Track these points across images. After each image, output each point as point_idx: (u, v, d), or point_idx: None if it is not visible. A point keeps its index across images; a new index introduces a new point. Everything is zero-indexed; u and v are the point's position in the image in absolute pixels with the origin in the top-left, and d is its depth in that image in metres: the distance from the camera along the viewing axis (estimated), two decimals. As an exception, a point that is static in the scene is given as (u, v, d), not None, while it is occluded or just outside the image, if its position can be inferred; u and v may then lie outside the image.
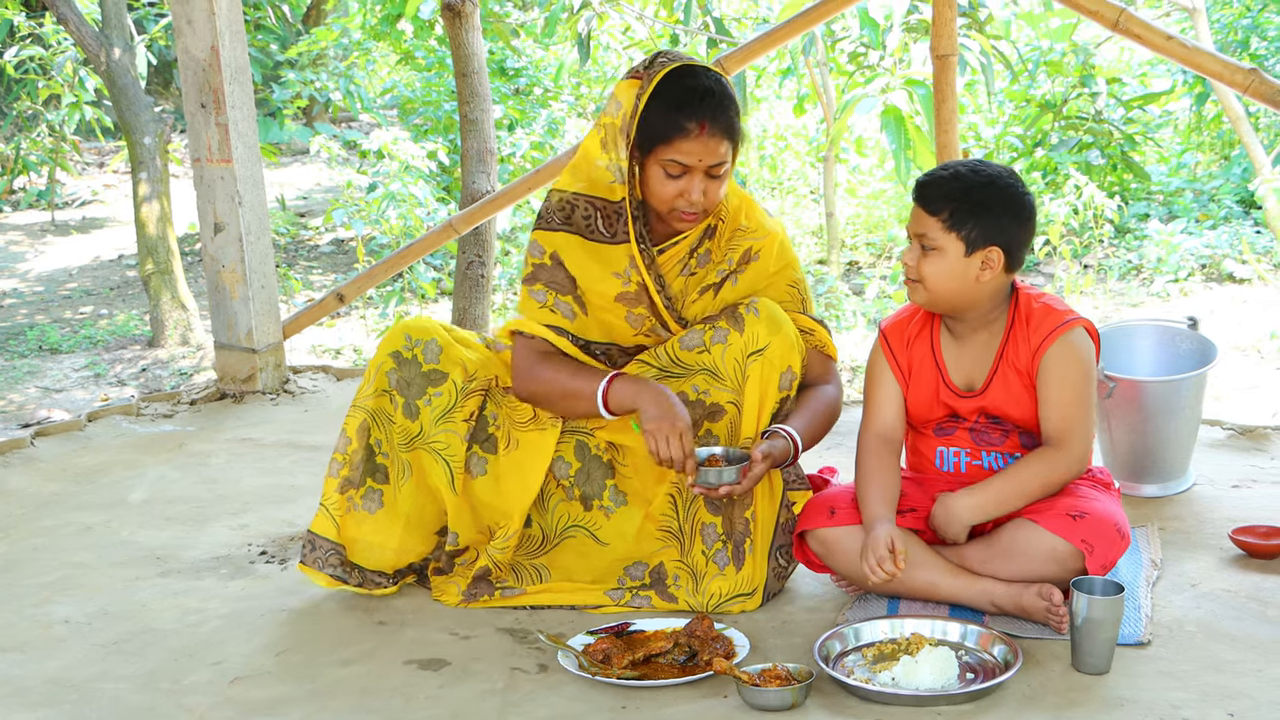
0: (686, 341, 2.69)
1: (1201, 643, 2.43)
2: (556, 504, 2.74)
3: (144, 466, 3.79)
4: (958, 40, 3.81)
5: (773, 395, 2.66)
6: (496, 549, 2.71)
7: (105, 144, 11.74)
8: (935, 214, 2.50)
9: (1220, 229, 7.43)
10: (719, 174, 2.62)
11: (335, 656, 2.55)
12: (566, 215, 2.71)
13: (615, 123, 2.65)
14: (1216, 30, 8.54)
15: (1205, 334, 3.25)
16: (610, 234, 2.69)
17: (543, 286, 2.71)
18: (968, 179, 2.51)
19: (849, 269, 7.82)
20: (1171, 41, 3.48)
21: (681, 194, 2.61)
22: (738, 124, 2.63)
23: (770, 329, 2.63)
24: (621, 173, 2.65)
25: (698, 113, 2.56)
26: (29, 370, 6.85)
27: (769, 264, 2.76)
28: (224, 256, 4.29)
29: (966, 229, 2.49)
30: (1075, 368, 2.53)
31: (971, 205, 2.49)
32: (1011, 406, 2.58)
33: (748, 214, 2.78)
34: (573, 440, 2.74)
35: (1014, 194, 2.52)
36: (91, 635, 2.70)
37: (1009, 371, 2.57)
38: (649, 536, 2.72)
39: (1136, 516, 3.01)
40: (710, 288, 2.75)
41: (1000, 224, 2.50)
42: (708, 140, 2.56)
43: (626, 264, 2.69)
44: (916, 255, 2.54)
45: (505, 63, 9.06)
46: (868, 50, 6.35)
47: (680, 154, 2.57)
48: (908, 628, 2.46)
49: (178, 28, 4.15)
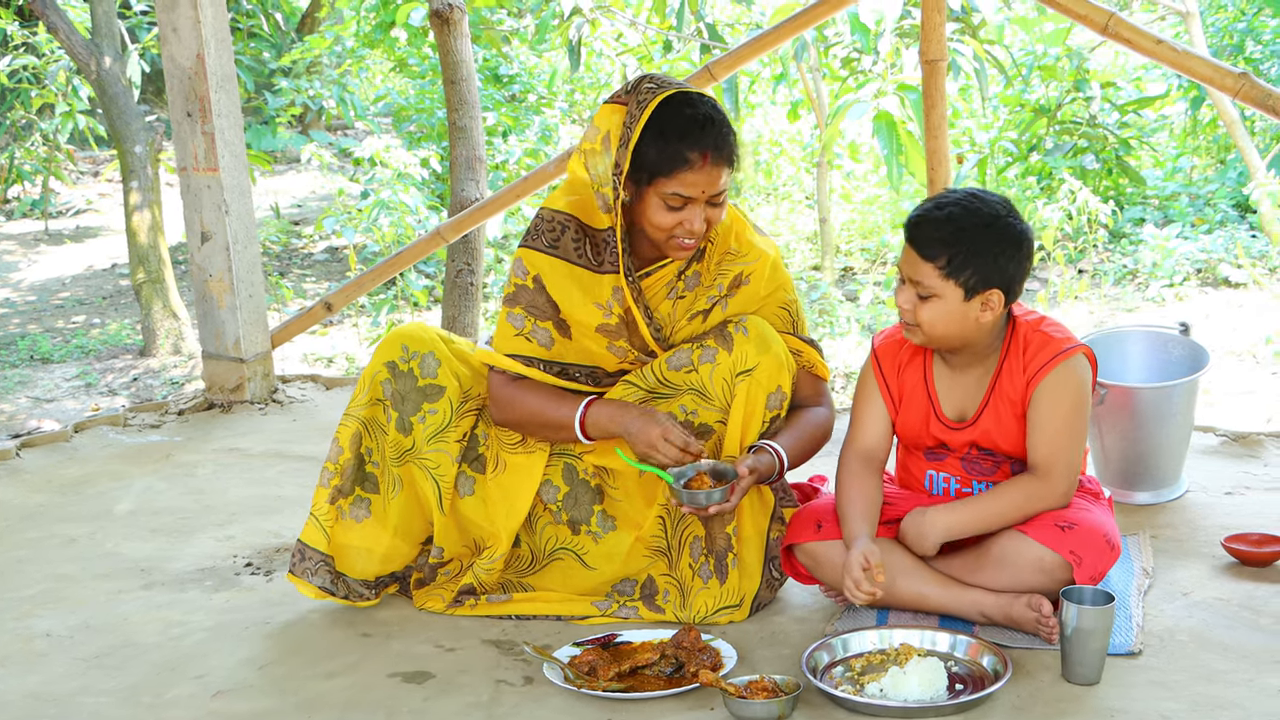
0: (674, 361, 2.64)
1: (1193, 652, 2.41)
2: (544, 526, 2.72)
3: (130, 477, 3.76)
4: (949, 45, 3.79)
5: (759, 415, 2.62)
6: (483, 569, 2.69)
7: (100, 153, 11.72)
8: (931, 260, 2.40)
9: (1215, 233, 7.42)
10: (720, 201, 2.55)
11: (319, 669, 2.53)
12: (555, 238, 2.64)
13: (597, 148, 2.58)
14: (1211, 35, 8.54)
15: (1197, 339, 3.22)
16: (597, 262, 2.63)
17: (522, 311, 2.65)
18: (961, 220, 2.38)
19: (843, 275, 7.80)
20: (1161, 45, 3.47)
21: (681, 223, 2.53)
22: (737, 149, 2.57)
23: (759, 348, 2.59)
24: (607, 201, 2.58)
25: (700, 143, 2.47)
26: (20, 380, 6.83)
27: (760, 288, 2.70)
28: (211, 266, 4.27)
29: (965, 275, 2.39)
30: (1068, 399, 2.47)
31: (969, 250, 2.38)
32: (1002, 439, 2.53)
33: (738, 236, 2.70)
34: (560, 463, 2.71)
35: (1012, 233, 2.41)
36: (73, 649, 2.67)
37: (1000, 403, 2.52)
38: (638, 556, 2.70)
39: (1128, 524, 2.99)
40: (699, 314, 2.69)
41: (999, 265, 2.40)
42: (711, 170, 2.49)
43: (609, 295, 2.63)
44: (913, 300, 2.44)
45: (498, 69, 9.04)
46: (860, 55, 6.33)
47: (683, 186, 2.49)
48: (896, 638, 2.43)
49: (163, 35, 4.13)
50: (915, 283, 2.43)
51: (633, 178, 2.54)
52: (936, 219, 2.40)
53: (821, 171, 7.44)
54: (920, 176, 5.75)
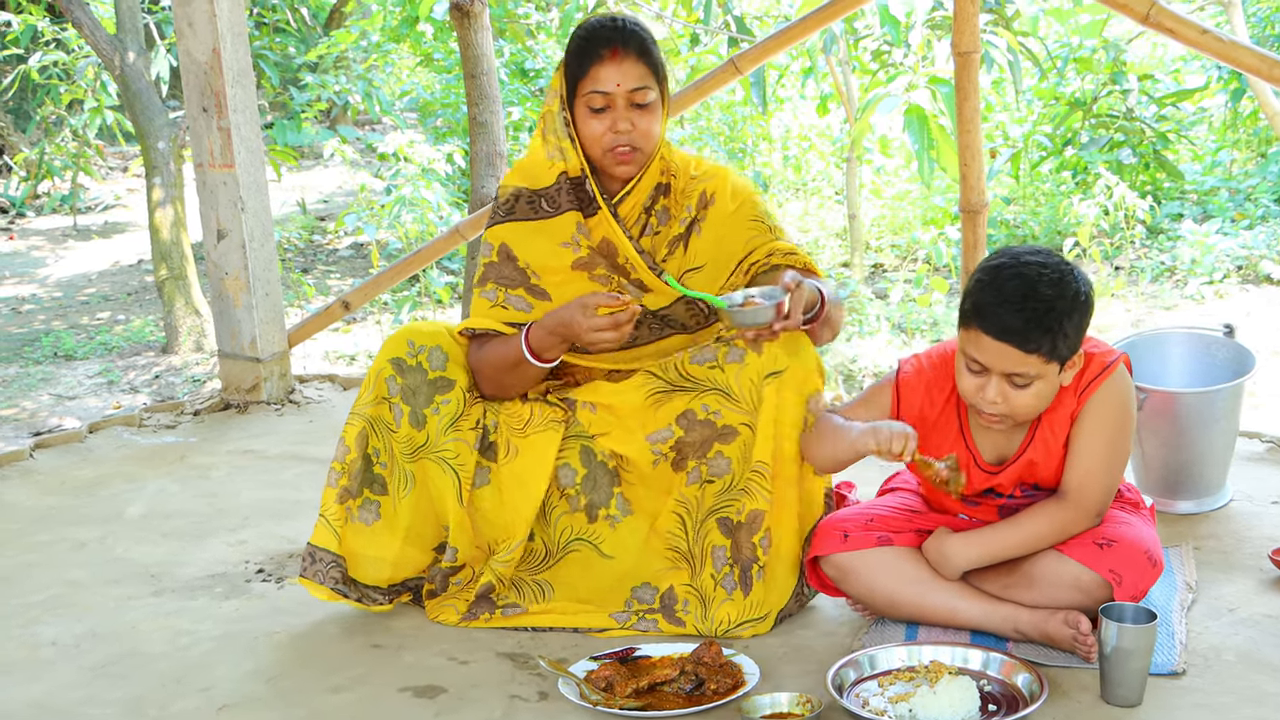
0: (698, 356, 2.61)
1: (1241, 673, 2.30)
2: (559, 517, 2.66)
3: (143, 479, 3.71)
4: (981, 37, 3.68)
5: (792, 416, 2.54)
6: (500, 562, 2.63)
7: (128, 148, 11.72)
8: (1035, 352, 2.24)
9: (1257, 229, 7.24)
10: (643, 102, 2.63)
11: (328, 682, 2.46)
12: (510, 208, 2.75)
13: (552, 108, 2.72)
14: (1253, 24, 8.36)
15: (1242, 341, 3.10)
16: (554, 208, 2.73)
17: (493, 285, 2.73)
18: (1049, 298, 2.22)
19: (873, 272, 7.68)
20: (1206, 35, 3.34)
21: (609, 129, 2.63)
22: (654, 52, 2.66)
23: (789, 351, 2.54)
24: (563, 152, 2.71)
25: (608, 39, 2.62)
26: (43, 377, 6.81)
27: (726, 203, 2.74)
28: (227, 264, 4.20)
29: (1064, 349, 2.26)
30: (1113, 417, 2.35)
31: (1064, 326, 2.23)
32: (1046, 469, 2.41)
33: (697, 164, 2.80)
34: (577, 445, 2.66)
35: (1088, 292, 2.27)
36: (79, 657, 2.62)
37: (1047, 431, 2.39)
38: (656, 553, 2.63)
39: (1170, 535, 2.87)
40: (677, 240, 2.75)
41: (1083, 324, 2.28)
42: (621, 63, 2.61)
43: (574, 230, 2.72)
44: (1004, 391, 2.28)
45: (524, 63, 8.97)
46: (891, 48, 6.21)
47: (597, 82, 2.62)
48: (926, 655, 2.33)
49: (179, 30, 4.07)
50: (1012, 375, 2.27)
51: (567, 100, 2.68)
52: (1034, 309, 2.22)
53: (851, 166, 7.31)
54: (952, 171, 5.63)
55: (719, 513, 2.58)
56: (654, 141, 2.69)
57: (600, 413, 2.66)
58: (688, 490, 2.60)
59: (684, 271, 2.73)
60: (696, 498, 2.59)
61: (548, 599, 2.65)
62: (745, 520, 2.55)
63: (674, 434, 2.59)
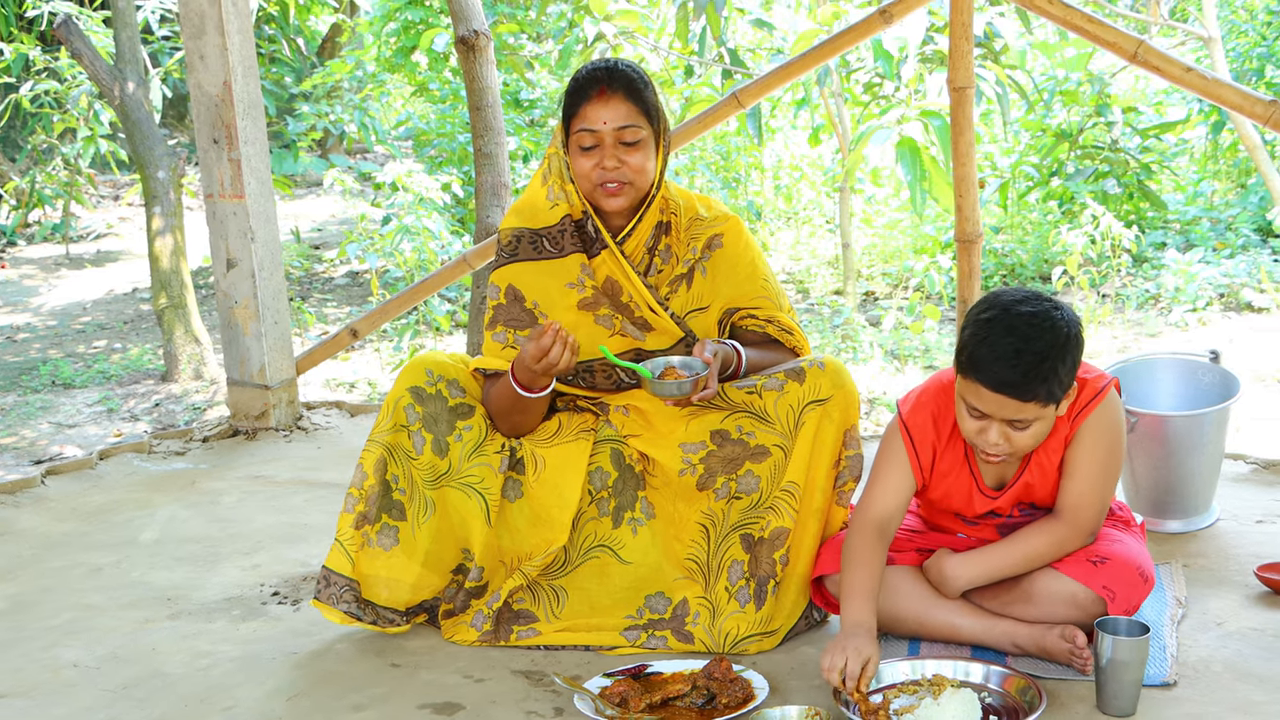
0: (740, 382, 2.70)
1: (1229, 683, 2.39)
2: (586, 523, 2.73)
3: (155, 505, 3.76)
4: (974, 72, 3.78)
5: (829, 446, 2.64)
6: (531, 565, 2.69)
7: (120, 177, 11.78)
8: (1032, 400, 2.30)
9: (1238, 258, 7.37)
10: (631, 140, 2.66)
11: (347, 701, 2.52)
12: (513, 250, 2.81)
13: (554, 151, 2.77)
14: (1232, 59, 8.51)
15: (1227, 367, 3.20)
16: (558, 249, 2.77)
17: (503, 328, 2.79)
18: (1042, 351, 2.27)
19: (865, 299, 7.78)
20: (1190, 73, 3.46)
21: (596, 164, 2.66)
22: (644, 93, 2.69)
23: (834, 383, 2.64)
24: (566, 194, 2.75)
25: (596, 81, 2.66)
26: (42, 405, 6.84)
27: (738, 249, 2.80)
28: (237, 293, 4.28)
29: (1061, 390, 2.33)
30: (1106, 439, 2.44)
31: (1058, 372, 2.30)
32: (1043, 490, 2.50)
33: (705, 205, 2.84)
34: (608, 449, 2.74)
35: (1077, 331, 2.34)
36: (100, 679, 2.67)
37: (1042, 455, 2.48)
38: (674, 562, 2.70)
39: (1160, 553, 2.96)
40: (680, 279, 2.80)
41: (1075, 363, 2.35)
42: (608, 101, 2.64)
43: (579, 272, 2.76)
44: (1005, 434, 2.36)
45: (520, 94, 9.07)
46: (883, 81, 6.33)
47: (586, 120, 2.65)
48: (929, 669, 2.42)
49: (190, 63, 4.15)
50: (1012, 421, 2.34)
51: (565, 143, 2.72)
52: (1028, 361, 2.27)
53: (843, 197, 7.42)
54: (944, 202, 5.75)
55: (743, 528, 2.65)
56: (647, 177, 2.71)
57: (634, 415, 2.75)
58: (715, 505, 2.68)
59: (688, 311, 2.79)
60: (723, 511, 2.67)
61: (561, 606, 2.71)
62: (769, 536, 2.63)
63: (706, 447, 2.68)
